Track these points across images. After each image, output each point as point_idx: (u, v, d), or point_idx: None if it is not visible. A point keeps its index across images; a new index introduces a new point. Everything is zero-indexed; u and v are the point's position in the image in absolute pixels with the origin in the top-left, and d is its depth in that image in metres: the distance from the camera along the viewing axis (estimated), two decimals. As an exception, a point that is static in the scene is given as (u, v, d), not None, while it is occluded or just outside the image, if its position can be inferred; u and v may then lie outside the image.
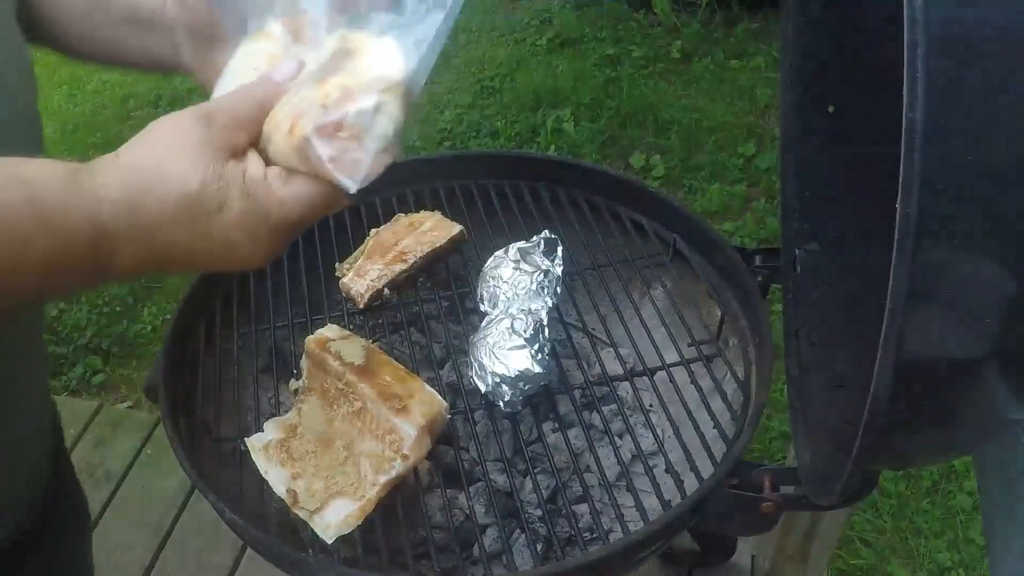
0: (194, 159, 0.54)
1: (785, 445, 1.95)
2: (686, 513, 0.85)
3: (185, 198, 0.53)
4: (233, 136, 0.57)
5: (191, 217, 0.54)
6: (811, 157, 0.94)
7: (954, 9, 0.43)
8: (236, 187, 0.55)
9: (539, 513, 1.04)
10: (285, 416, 0.98)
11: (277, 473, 0.91)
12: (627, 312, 1.14)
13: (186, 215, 0.54)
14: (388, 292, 1.15)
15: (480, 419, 1.08)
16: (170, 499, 1.78)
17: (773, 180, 2.69)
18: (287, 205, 0.56)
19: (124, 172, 0.53)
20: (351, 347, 0.98)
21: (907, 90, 0.43)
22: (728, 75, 3.21)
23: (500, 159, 1.36)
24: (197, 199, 0.54)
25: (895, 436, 0.56)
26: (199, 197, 0.54)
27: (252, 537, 0.85)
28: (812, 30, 0.88)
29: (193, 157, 0.54)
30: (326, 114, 0.55)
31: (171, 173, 0.53)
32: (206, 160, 0.54)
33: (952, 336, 0.50)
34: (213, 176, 0.54)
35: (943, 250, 0.46)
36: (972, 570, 1.75)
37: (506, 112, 3.13)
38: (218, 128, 0.56)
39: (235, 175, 0.55)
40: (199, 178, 0.54)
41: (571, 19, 3.63)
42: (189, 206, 0.54)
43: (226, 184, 0.55)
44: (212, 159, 0.55)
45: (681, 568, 1.52)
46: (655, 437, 1.00)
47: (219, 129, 0.56)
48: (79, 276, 0.53)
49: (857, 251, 0.94)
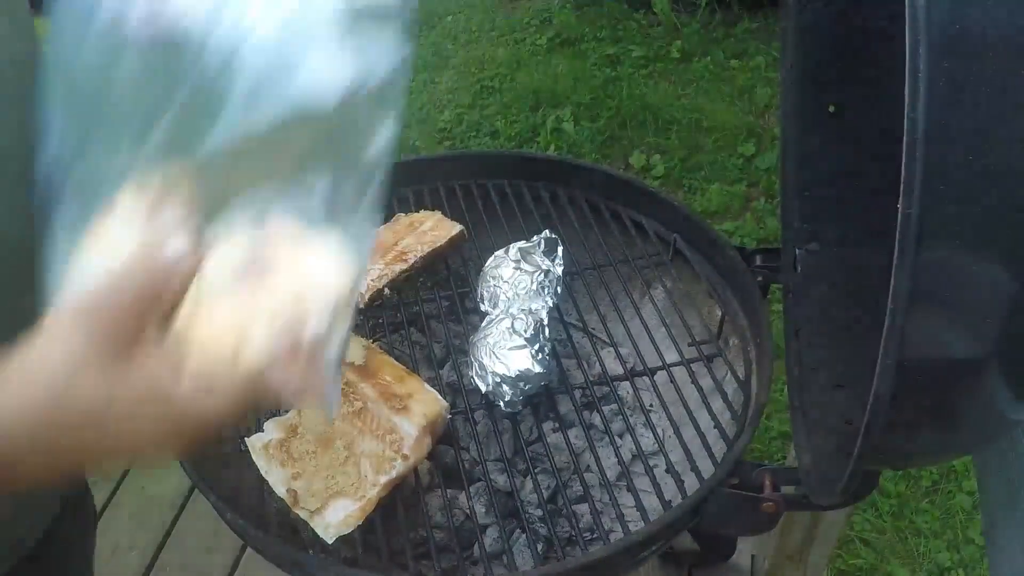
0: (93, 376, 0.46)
1: (785, 445, 1.95)
2: (687, 513, 0.85)
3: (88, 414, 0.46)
4: (123, 333, 0.47)
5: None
6: (811, 157, 0.94)
7: (956, 9, 0.43)
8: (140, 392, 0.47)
9: (539, 513, 1.04)
10: (285, 416, 0.98)
11: (277, 473, 0.91)
12: (627, 312, 1.14)
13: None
14: (388, 292, 1.15)
15: (480, 419, 1.08)
16: (170, 499, 1.78)
17: (773, 180, 2.69)
18: (208, 418, 0.48)
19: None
20: (351, 347, 0.98)
21: (909, 90, 0.43)
22: (728, 75, 3.21)
23: (500, 159, 1.36)
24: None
25: (896, 436, 0.56)
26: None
27: (252, 537, 0.85)
28: (812, 30, 0.88)
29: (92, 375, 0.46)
30: (280, 336, 0.46)
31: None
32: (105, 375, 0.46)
33: (953, 336, 0.50)
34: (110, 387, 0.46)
35: (944, 250, 0.46)
36: (972, 570, 1.75)
37: (506, 112, 3.13)
38: (105, 333, 0.46)
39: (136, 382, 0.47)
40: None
41: (571, 19, 3.62)
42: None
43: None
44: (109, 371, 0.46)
45: (681, 568, 1.52)
46: (655, 437, 1.00)
47: (108, 334, 0.46)
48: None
49: (857, 251, 0.94)
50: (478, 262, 1.16)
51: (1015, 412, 0.56)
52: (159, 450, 0.49)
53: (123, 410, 0.46)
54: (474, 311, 1.15)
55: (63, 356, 0.46)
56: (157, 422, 0.47)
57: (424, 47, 3.61)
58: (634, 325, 1.12)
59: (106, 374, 0.46)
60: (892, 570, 1.75)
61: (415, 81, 3.40)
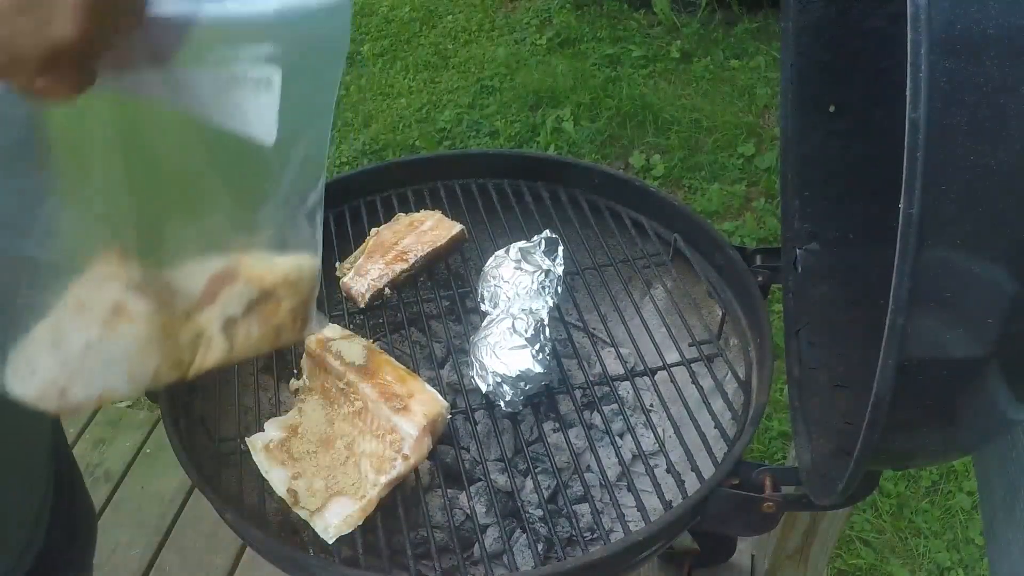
0: None
1: (785, 445, 1.95)
2: (687, 513, 0.85)
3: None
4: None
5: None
6: (811, 157, 0.94)
7: (957, 8, 0.43)
8: None
9: (540, 513, 1.04)
10: (286, 416, 0.98)
11: (278, 473, 0.91)
12: (628, 312, 1.14)
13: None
14: (389, 292, 1.15)
15: (481, 419, 1.08)
16: (170, 499, 1.78)
17: (773, 180, 2.69)
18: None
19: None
20: (352, 347, 0.98)
21: (910, 89, 0.43)
22: (728, 75, 3.21)
23: (500, 158, 1.36)
24: None
25: (896, 436, 0.56)
26: None
27: (252, 537, 0.85)
28: (812, 30, 0.88)
29: None
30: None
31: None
32: None
33: (953, 336, 0.50)
34: None
35: (945, 250, 0.46)
36: (972, 570, 1.75)
37: (506, 112, 3.13)
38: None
39: None
40: None
41: (570, 19, 3.62)
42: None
43: None
44: None
45: (681, 568, 1.52)
46: (656, 437, 1.00)
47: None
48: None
49: (858, 250, 0.94)
50: (478, 262, 1.16)
51: (1015, 412, 0.56)
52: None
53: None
54: (474, 311, 1.15)
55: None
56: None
57: (424, 47, 3.61)
58: (634, 325, 1.12)
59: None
60: (892, 570, 1.75)
61: (415, 81, 3.40)
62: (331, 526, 0.86)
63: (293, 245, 0.60)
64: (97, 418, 2.00)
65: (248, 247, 0.59)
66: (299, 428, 0.95)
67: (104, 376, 0.57)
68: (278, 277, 0.60)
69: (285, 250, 0.60)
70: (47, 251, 0.52)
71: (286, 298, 0.61)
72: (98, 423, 1.99)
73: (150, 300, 0.56)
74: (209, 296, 0.58)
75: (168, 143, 0.54)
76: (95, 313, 0.55)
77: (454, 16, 3.78)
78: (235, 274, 0.59)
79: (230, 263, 0.59)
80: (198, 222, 0.57)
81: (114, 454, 1.90)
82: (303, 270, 0.61)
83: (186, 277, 0.58)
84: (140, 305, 0.55)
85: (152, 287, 0.56)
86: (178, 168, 0.55)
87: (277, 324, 0.62)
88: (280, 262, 0.60)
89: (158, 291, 0.56)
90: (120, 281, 0.55)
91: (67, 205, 0.52)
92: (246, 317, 0.60)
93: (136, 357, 0.57)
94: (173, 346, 0.59)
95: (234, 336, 0.61)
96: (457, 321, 1.22)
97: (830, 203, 0.95)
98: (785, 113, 0.94)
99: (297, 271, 0.61)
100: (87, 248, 0.54)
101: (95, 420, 2.00)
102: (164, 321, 0.57)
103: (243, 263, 0.59)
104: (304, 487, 0.89)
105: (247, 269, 0.59)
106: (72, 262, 0.54)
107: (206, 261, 0.58)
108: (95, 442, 1.93)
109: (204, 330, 0.59)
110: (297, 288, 0.62)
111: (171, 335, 0.58)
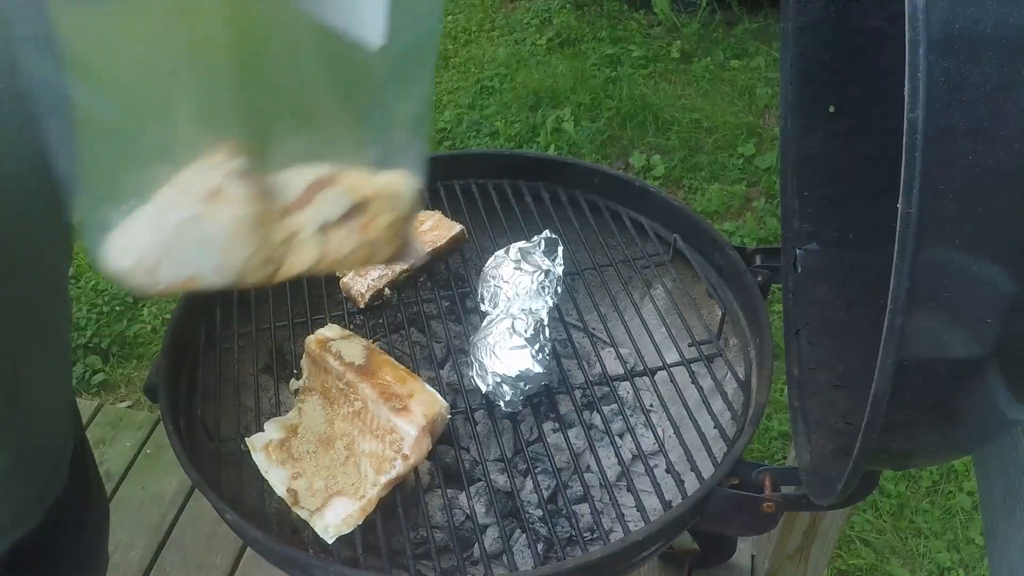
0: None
1: (785, 445, 1.95)
2: (687, 513, 0.85)
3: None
4: None
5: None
6: (811, 157, 0.94)
7: (956, 8, 0.43)
8: None
9: (539, 513, 1.04)
10: (286, 416, 0.98)
11: (277, 473, 0.91)
12: (627, 312, 1.14)
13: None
14: (388, 292, 1.15)
15: (481, 419, 1.08)
16: (170, 499, 1.78)
17: (773, 180, 2.69)
18: None
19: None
20: (351, 347, 0.98)
21: (908, 90, 0.43)
22: (728, 75, 3.21)
23: (500, 158, 1.36)
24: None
25: (896, 436, 0.56)
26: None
27: (252, 537, 0.85)
28: (812, 30, 0.88)
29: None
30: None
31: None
32: None
33: (953, 336, 0.50)
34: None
35: (944, 250, 0.46)
36: (972, 570, 1.75)
37: (506, 112, 3.12)
38: None
39: None
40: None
41: (571, 19, 3.62)
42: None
43: None
44: None
45: (681, 568, 1.52)
46: (656, 437, 1.00)
47: None
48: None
49: (857, 250, 0.94)
50: (478, 262, 1.16)
51: (1015, 412, 0.56)
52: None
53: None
54: (474, 311, 1.15)
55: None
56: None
57: (424, 47, 3.61)
58: (634, 325, 1.12)
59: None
60: (892, 570, 1.75)
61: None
62: (331, 526, 0.86)
63: (395, 162, 0.61)
64: (97, 418, 2.00)
65: (351, 161, 0.60)
66: (299, 428, 0.95)
67: (195, 258, 0.58)
68: (376, 188, 0.61)
69: (388, 166, 0.61)
70: (160, 137, 0.54)
71: (383, 212, 0.61)
72: (98, 423, 1.99)
73: (250, 188, 0.57)
74: (306, 198, 0.59)
75: (281, 45, 0.55)
76: (194, 194, 0.56)
77: (454, 16, 3.78)
78: (334, 181, 0.59)
79: (331, 171, 0.60)
80: (304, 130, 0.58)
81: (114, 454, 1.90)
82: (402, 185, 0.61)
83: (286, 179, 0.59)
84: (239, 190, 0.56)
85: (253, 180, 0.57)
86: (289, 73, 0.57)
87: (372, 239, 0.62)
88: (381, 176, 0.61)
89: (258, 185, 0.57)
90: (224, 171, 0.56)
91: (184, 95, 0.54)
92: (341, 225, 0.61)
93: (228, 242, 0.58)
94: (265, 241, 0.59)
95: (327, 243, 0.61)
96: (457, 321, 1.22)
97: (830, 203, 0.95)
98: (785, 113, 0.94)
99: (396, 185, 0.61)
100: (197, 139, 0.56)
101: (95, 420, 2.00)
102: (260, 211, 0.58)
103: (344, 173, 0.60)
104: (304, 487, 0.89)
105: (346, 178, 0.60)
106: (182, 151, 0.56)
107: (308, 167, 0.59)
108: (95, 442, 1.93)
109: (298, 231, 0.60)
110: (395, 203, 0.62)
111: (265, 228, 0.59)
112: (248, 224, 0.58)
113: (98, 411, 2.03)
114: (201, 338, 1.09)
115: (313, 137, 0.59)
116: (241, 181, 0.56)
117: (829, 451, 0.82)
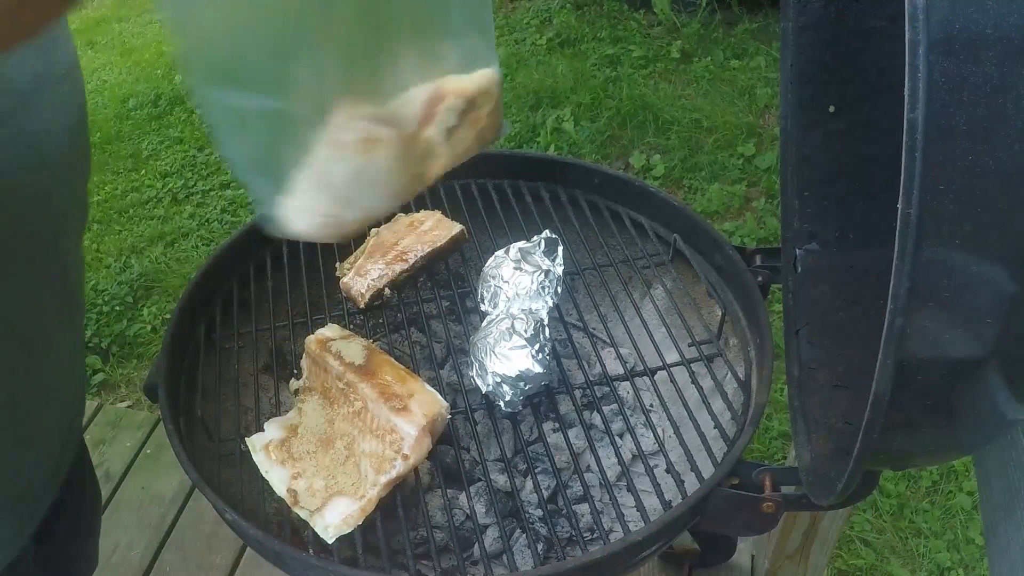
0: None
1: (785, 445, 1.95)
2: (687, 513, 0.85)
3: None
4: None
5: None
6: (811, 157, 0.94)
7: (956, 8, 0.43)
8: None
9: (539, 513, 1.04)
10: (286, 416, 0.98)
11: (277, 473, 0.91)
12: (627, 312, 1.14)
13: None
14: (388, 292, 1.15)
15: (481, 419, 1.08)
16: (170, 499, 1.78)
17: (773, 180, 2.69)
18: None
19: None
20: (351, 347, 0.98)
21: (908, 89, 0.43)
22: (728, 75, 3.21)
23: (500, 158, 1.36)
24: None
25: (895, 436, 0.56)
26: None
27: (252, 537, 0.85)
28: (812, 30, 0.88)
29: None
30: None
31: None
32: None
33: (953, 336, 0.50)
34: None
35: (944, 250, 0.46)
36: (972, 570, 1.75)
37: (506, 112, 3.12)
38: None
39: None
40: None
41: (570, 19, 3.63)
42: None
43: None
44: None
45: (681, 568, 1.52)
46: (656, 437, 1.00)
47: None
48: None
49: (857, 251, 0.94)
50: (478, 262, 1.16)
51: (1015, 412, 0.56)
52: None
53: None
54: (474, 311, 1.15)
55: None
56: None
57: (424, 47, 3.61)
58: (634, 325, 1.12)
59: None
60: (892, 570, 1.75)
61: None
62: (331, 526, 0.86)
63: (476, 61, 0.70)
64: (97, 418, 2.00)
65: (444, 71, 0.69)
66: (299, 428, 0.95)
67: (367, 199, 0.67)
68: (475, 86, 0.71)
69: (471, 67, 0.70)
70: (297, 104, 0.60)
71: (484, 105, 0.72)
72: (98, 423, 1.99)
73: (390, 126, 0.65)
74: (428, 115, 0.68)
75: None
76: (351, 147, 0.63)
77: (454, 16, 3.78)
78: (443, 93, 0.69)
79: (434, 86, 0.68)
80: (405, 53, 0.66)
81: (114, 454, 1.90)
82: (490, 77, 0.72)
83: (405, 105, 0.67)
84: (384, 131, 0.64)
85: (385, 117, 0.65)
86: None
87: (481, 128, 0.74)
88: (473, 76, 0.71)
89: (390, 119, 0.65)
90: (362, 118, 0.63)
91: (309, 56, 0.59)
92: (460, 126, 0.71)
93: (391, 175, 0.67)
94: (413, 161, 0.69)
95: (454, 143, 0.72)
96: (457, 321, 1.22)
97: (830, 203, 0.95)
98: (785, 113, 0.94)
99: (488, 80, 0.71)
100: (327, 96, 0.62)
101: (95, 420, 2.00)
102: (404, 140, 0.67)
103: (445, 83, 0.69)
104: (304, 487, 0.89)
105: (451, 86, 0.69)
106: (316, 111, 0.62)
107: (414, 89, 0.67)
108: (95, 442, 1.93)
109: (431, 142, 0.70)
110: (490, 94, 0.73)
111: (411, 152, 0.68)
112: (400, 155, 0.66)
113: (98, 411, 2.03)
114: (201, 338, 1.09)
115: (411, 59, 0.66)
116: (381, 123, 0.64)
117: (829, 451, 0.82)
